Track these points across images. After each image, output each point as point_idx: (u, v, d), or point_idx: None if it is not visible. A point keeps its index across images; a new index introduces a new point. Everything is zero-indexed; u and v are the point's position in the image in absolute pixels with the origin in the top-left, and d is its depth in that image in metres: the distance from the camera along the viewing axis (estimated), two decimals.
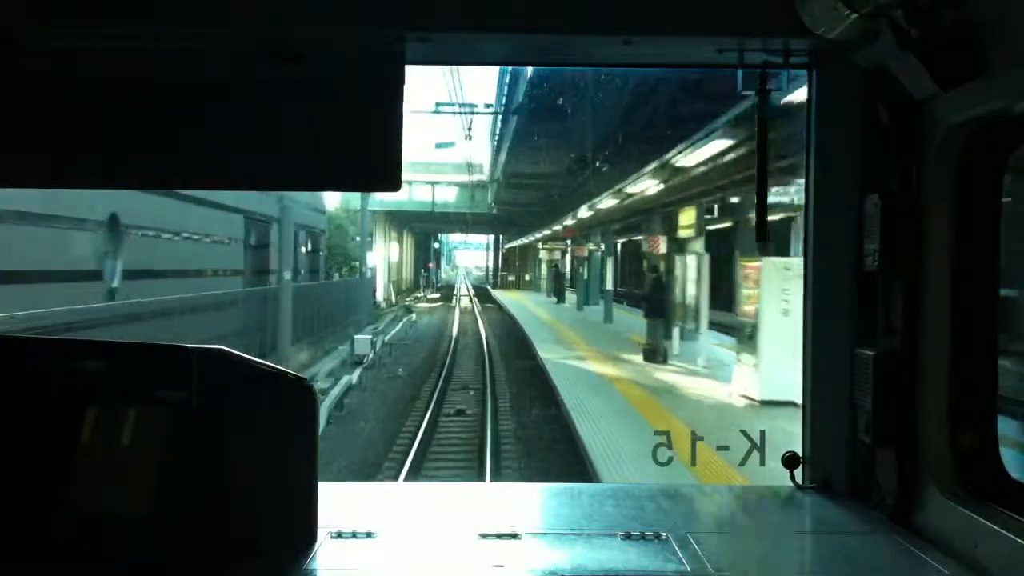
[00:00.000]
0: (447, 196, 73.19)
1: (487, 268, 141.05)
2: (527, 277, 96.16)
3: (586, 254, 51.02)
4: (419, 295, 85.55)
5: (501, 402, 24.44)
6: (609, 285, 42.06)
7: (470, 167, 64.76)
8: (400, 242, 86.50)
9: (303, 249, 38.69)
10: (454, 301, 76.12)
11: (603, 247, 46.36)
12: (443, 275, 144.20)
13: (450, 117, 49.38)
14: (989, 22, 2.58)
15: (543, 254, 76.03)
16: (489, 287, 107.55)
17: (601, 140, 35.19)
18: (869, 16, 2.71)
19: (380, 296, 61.55)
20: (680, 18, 3.12)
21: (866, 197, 3.23)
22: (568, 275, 65.45)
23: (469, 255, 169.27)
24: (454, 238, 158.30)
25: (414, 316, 52.64)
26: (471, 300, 77.83)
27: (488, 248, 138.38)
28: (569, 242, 61.23)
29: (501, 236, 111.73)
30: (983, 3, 2.61)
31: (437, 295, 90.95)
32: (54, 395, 2.59)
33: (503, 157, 53.50)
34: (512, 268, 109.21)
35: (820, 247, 3.49)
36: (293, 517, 2.84)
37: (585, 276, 51.88)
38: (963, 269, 2.99)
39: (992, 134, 2.89)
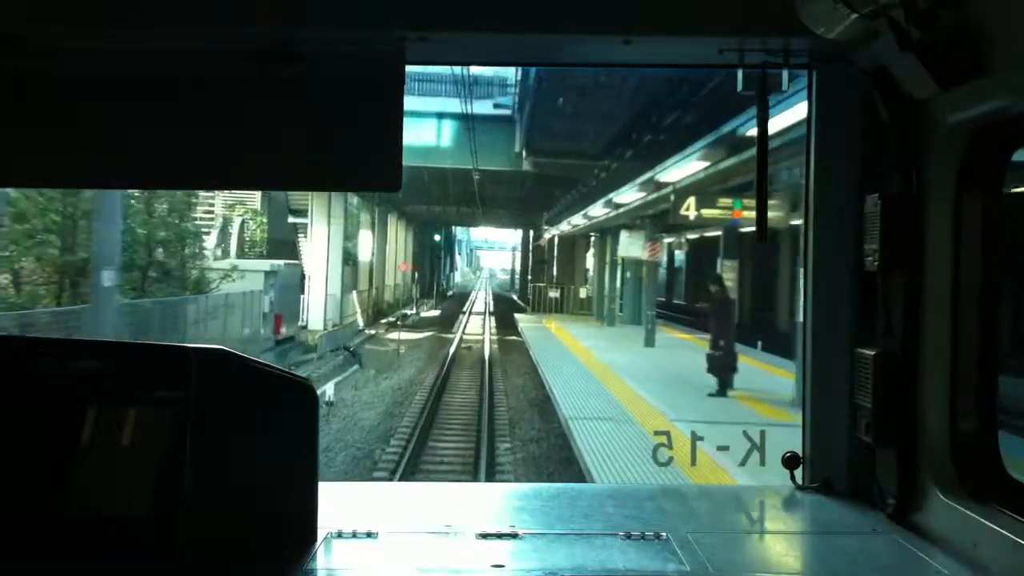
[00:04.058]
0: (429, 138, 39.19)
1: (512, 271, 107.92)
2: (582, 293, 55.13)
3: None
4: (408, 313, 53.67)
5: None
6: None
7: (466, 87, 34.38)
8: (377, 230, 54.25)
9: None
10: (456, 328, 45.68)
11: None
12: (458, 279, 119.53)
13: None
14: (989, 22, 2.58)
15: (626, 245, 36.29)
16: (514, 298, 72.08)
17: None
18: (869, 16, 2.71)
19: (320, 321, 36.30)
20: (680, 18, 3.12)
21: (866, 197, 3.23)
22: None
23: (493, 256, 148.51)
24: (476, 235, 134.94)
25: (329, 394, 23.13)
26: (485, 319, 50.14)
27: (515, 250, 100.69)
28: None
29: (532, 230, 73.21)
30: (983, 3, 2.61)
31: (438, 312, 59.17)
32: (54, 395, 2.59)
33: None
34: (547, 275, 64.46)
35: (820, 247, 3.49)
36: (293, 517, 2.84)
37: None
38: (963, 269, 2.99)
39: (992, 134, 2.89)
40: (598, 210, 37.31)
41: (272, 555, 2.71)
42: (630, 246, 36.07)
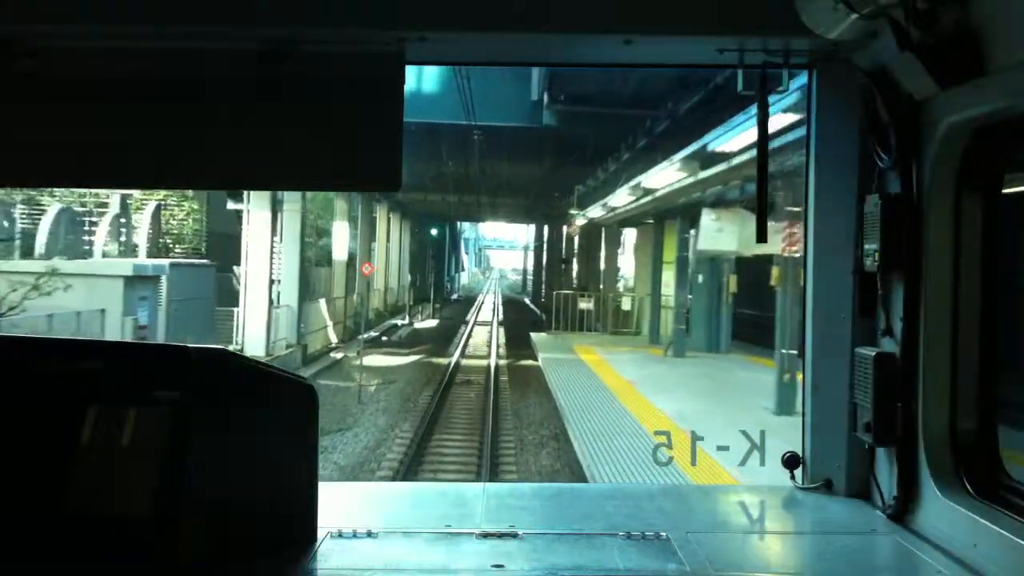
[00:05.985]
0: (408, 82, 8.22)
1: (524, 271, 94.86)
2: (624, 304, 38.23)
3: None
4: (399, 323, 43.97)
5: None
6: None
7: None
8: (361, 224, 42.79)
9: None
10: (453, 347, 34.79)
11: None
12: (465, 280, 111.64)
13: None
14: (989, 22, 2.58)
15: (711, 234, 21.93)
16: (526, 302, 62.39)
17: None
18: (869, 16, 2.72)
19: (262, 343, 26.21)
20: (680, 18, 3.12)
21: (866, 197, 3.23)
22: None
23: (504, 256, 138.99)
24: (486, 234, 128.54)
25: None
26: (492, 332, 40.39)
27: (527, 249, 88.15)
28: None
29: (547, 225, 60.81)
30: (983, 3, 2.61)
31: (435, 322, 48.33)
32: (53, 395, 2.59)
33: None
34: (559, 278, 51.84)
35: (820, 247, 3.49)
36: (293, 517, 2.84)
37: None
38: (963, 269, 2.99)
39: (992, 134, 2.89)
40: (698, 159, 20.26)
41: (272, 555, 2.71)
42: (718, 235, 22.13)
